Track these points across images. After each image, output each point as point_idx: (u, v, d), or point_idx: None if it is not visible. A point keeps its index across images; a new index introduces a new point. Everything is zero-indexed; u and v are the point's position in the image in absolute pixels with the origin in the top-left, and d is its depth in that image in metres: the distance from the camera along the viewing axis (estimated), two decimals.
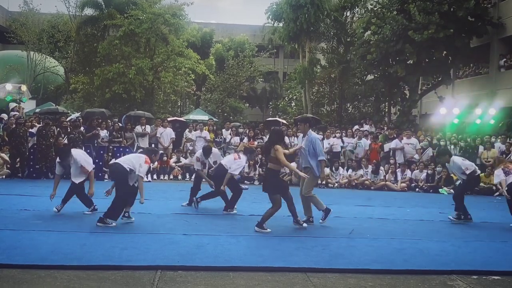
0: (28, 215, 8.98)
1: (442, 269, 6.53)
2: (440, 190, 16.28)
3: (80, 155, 9.40)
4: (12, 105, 21.17)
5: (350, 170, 17.03)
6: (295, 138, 18.18)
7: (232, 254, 6.78)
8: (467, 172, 10.11)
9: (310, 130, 9.56)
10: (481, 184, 16.14)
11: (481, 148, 17.40)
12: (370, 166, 17.01)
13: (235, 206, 10.25)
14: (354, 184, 16.78)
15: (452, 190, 15.90)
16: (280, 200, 8.36)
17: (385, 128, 20.90)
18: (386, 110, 28.13)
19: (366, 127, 21.14)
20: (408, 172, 16.93)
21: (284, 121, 23.35)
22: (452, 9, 21.23)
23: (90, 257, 6.31)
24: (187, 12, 29.00)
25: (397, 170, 17.03)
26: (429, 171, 16.74)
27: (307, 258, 6.75)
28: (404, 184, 16.60)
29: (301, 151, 9.33)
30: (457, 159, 10.54)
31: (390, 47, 21.75)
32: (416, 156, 17.53)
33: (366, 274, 6.24)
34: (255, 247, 7.23)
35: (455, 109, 20.43)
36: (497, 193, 15.70)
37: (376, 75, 25.97)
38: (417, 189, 16.63)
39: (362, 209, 11.39)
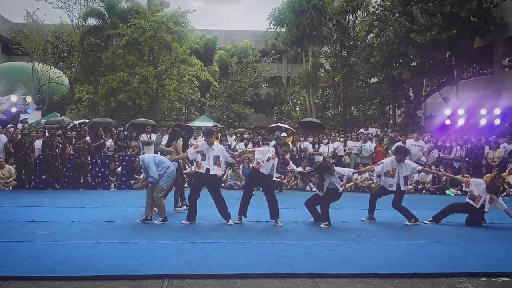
0: (35, 226, 8.98)
1: (450, 272, 6.50)
2: (446, 191, 16.21)
3: None
4: (23, 116, 21.24)
5: (356, 174, 16.95)
6: (301, 143, 18.23)
7: (239, 261, 6.77)
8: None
9: None
10: None
11: (486, 149, 17.33)
12: None
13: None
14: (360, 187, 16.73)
15: (459, 191, 15.82)
16: None
17: (390, 130, 20.84)
18: (391, 112, 28.08)
19: (371, 130, 21.10)
20: (415, 174, 16.84)
21: (286, 125, 23.33)
22: (454, 10, 21.17)
23: (97, 267, 6.30)
24: (189, 19, 29.11)
25: None
26: None
27: (314, 263, 6.73)
28: (410, 187, 16.47)
29: None
30: (409, 161, 10.82)
31: (393, 50, 21.71)
32: (423, 159, 17.43)
33: (374, 278, 6.22)
34: (262, 254, 7.21)
35: (460, 109, 20.36)
36: (505, 193, 15.58)
37: (380, 78, 25.93)
38: (423, 191, 16.57)
39: None
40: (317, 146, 18.08)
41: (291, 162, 10.29)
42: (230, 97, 36.76)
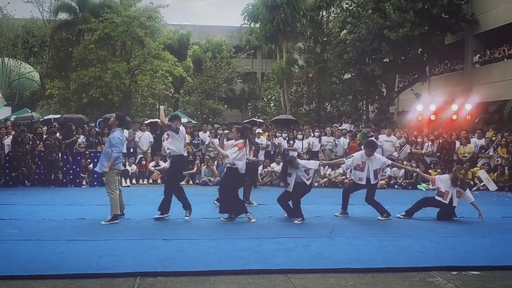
0: (4, 224, 8.82)
1: (422, 266, 6.57)
2: (418, 186, 16.40)
3: None
4: None
5: (329, 169, 17.06)
6: (275, 138, 18.28)
7: (212, 258, 6.73)
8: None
9: None
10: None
11: (457, 144, 17.58)
12: None
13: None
14: (334, 182, 16.82)
15: (430, 186, 16.00)
16: None
17: (363, 126, 21.01)
18: (364, 108, 28.31)
19: (344, 126, 21.24)
20: (387, 169, 16.99)
21: (261, 120, 23.34)
22: (426, 6, 21.42)
23: (68, 265, 6.21)
24: (162, 14, 28.83)
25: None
26: None
27: (288, 259, 6.74)
28: (383, 182, 16.65)
29: None
30: (379, 155, 10.96)
31: (366, 46, 21.89)
32: (395, 154, 17.63)
33: (347, 273, 6.25)
34: (235, 250, 7.19)
35: (432, 105, 20.64)
36: (475, 188, 15.86)
37: (353, 74, 26.13)
38: (396, 186, 16.73)
39: None
40: (291, 142, 18.13)
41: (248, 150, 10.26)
42: (204, 93, 36.56)
